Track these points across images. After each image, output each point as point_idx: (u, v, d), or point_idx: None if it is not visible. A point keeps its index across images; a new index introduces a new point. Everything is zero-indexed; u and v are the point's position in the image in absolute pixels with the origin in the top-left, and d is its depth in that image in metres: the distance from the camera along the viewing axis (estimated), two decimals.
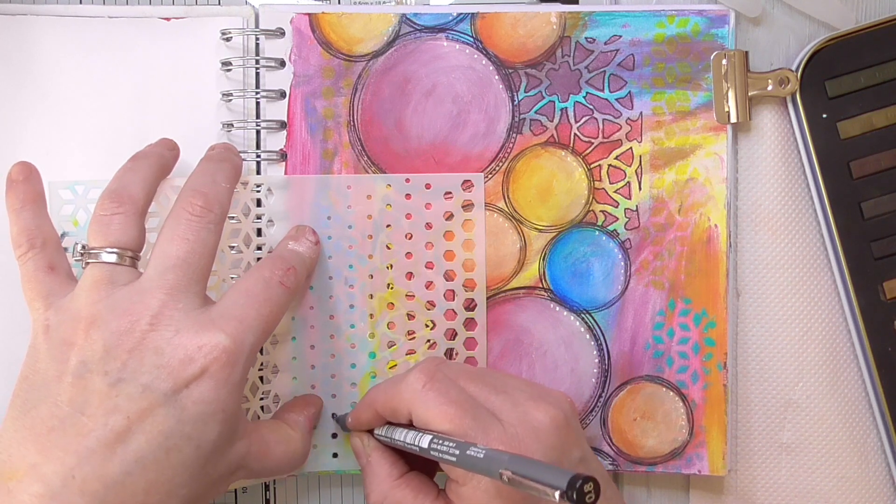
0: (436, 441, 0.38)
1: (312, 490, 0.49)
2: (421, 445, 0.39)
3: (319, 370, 0.47)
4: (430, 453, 0.38)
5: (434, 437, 0.38)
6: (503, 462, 0.34)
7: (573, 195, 0.47)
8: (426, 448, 0.39)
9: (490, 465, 0.35)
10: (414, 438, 0.40)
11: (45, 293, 0.40)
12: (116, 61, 0.46)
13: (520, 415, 0.39)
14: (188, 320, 0.38)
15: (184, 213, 0.39)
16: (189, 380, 0.37)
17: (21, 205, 0.42)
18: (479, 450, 0.36)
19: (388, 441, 0.42)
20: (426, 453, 0.39)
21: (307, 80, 0.47)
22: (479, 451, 0.36)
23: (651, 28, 0.47)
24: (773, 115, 0.47)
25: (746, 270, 0.48)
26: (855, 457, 0.47)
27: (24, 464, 0.36)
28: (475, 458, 0.36)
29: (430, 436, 0.39)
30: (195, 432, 0.37)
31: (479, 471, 0.36)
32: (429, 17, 0.47)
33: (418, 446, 0.39)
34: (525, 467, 0.33)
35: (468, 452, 0.36)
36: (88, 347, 0.37)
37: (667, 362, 0.47)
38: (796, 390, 0.48)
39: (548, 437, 0.39)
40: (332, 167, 0.47)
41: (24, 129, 0.46)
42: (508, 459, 0.34)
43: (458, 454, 0.37)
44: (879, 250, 0.46)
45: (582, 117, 0.47)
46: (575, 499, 0.31)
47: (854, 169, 0.46)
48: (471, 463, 0.36)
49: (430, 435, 0.39)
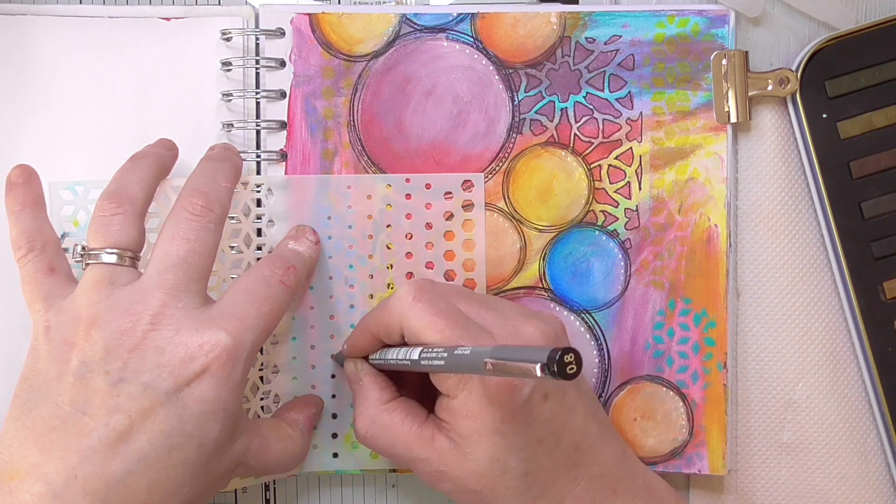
0: (425, 351, 0.38)
1: (312, 490, 0.49)
2: (412, 357, 0.39)
3: (319, 370, 0.47)
4: (420, 364, 0.38)
5: (424, 348, 0.38)
6: (486, 353, 0.34)
7: (573, 195, 0.47)
8: (417, 359, 0.39)
9: (475, 360, 0.34)
10: (405, 353, 0.40)
11: (46, 295, 0.40)
12: (116, 61, 0.46)
13: (510, 329, 0.40)
14: (189, 319, 0.38)
15: (184, 212, 0.39)
16: (190, 378, 0.37)
17: (21, 207, 0.42)
18: (465, 349, 0.36)
19: (381, 364, 0.43)
20: (417, 365, 0.39)
21: (307, 80, 0.47)
22: (465, 349, 0.36)
23: (651, 28, 0.47)
24: (773, 115, 0.47)
25: (746, 270, 0.48)
26: (855, 457, 0.47)
27: (26, 464, 0.36)
28: (462, 356, 0.35)
29: (421, 347, 0.39)
30: (197, 431, 0.37)
31: (466, 369, 0.36)
32: (429, 18, 0.47)
33: (409, 359, 0.39)
34: (507, 352, 0.33)
35: (455, 352, 0.36)
36: (89, 347, 0.37)
37: (667, 362, 0.47)
38: (796, 390, 0.48)
39: None
40: (332, 167, 0.47)
41: (24, 129, 0.46)
42: (492, 350, 0.34)
43: (446, 356, 0.37)
44: (879, 250, 0.46)
45: (582, 117, 0.47)
46: (556, 371, 0.30)
47: (854, 169, 0.46)
48: (458, 363, 0.36)
49: (421, 347, 0.39)
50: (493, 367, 0.33)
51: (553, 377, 0.30)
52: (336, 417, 0.47)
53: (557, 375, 0.30)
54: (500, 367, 0.33)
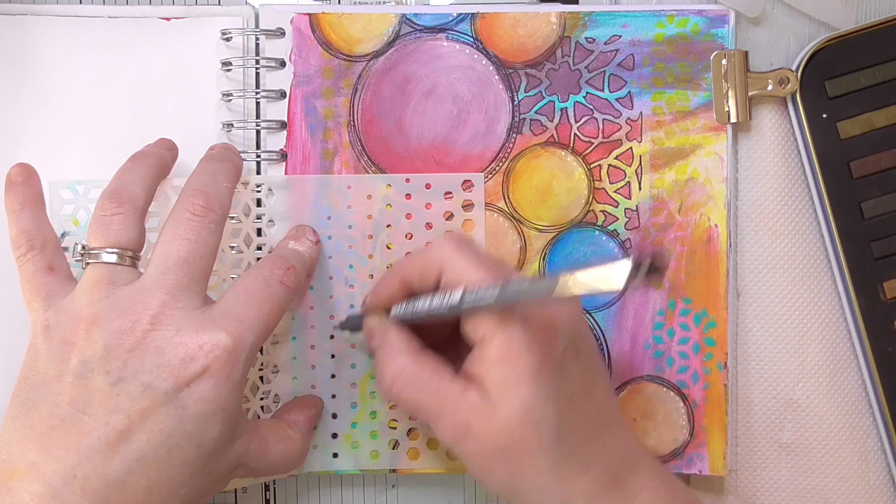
0: (469, 292, 0.37)
1: (312, 490, 0.49)
2: (452, 301, 0.38)
3: (319, 370, 0.47)
4: (463, 305, 0.38)
5: (468, 290, 0.38)
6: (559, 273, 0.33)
7: (573, 195, 0.47)
8: (457, 302, 0.38)
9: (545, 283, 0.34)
10: (443, 299, 0.39)
11: (45, 294, 0.40)
12: (116, 61, 0.46)
13: None
14: (189, 320, 0.38)
15: (185, 212, 0.39)
16: (190, 379, 0.37)
17: (20, 206, 0.42)
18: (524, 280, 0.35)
19: (407, 316, 0.41)
20: (456, 310, 0.38)
21: (307, 80, 0.47)
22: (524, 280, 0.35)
23: (651, 28, 0.47)
24: (773, 115, 0.47)
25: (746, 270, 0.48)
26: (855, 457, 0.47)
27: (25, 463, 0.36)
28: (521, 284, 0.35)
29: (462, 290, 0.38)
30: (196, 431, 0.37)
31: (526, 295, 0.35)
32: (429, 18, 0.47)
33: (448, 304, 0.38)
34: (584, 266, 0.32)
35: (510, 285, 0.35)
36: (89, 347, 0.37)
37: (667, 362, 0.47)
38: (796, 390, 0.48)
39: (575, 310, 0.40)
40: (332, 167, 0.47)
41: (25, 128, 0.46)
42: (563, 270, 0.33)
43: (498, 290, 0.36)
44: (879, 250, 0.46)
45: (582, 117, 0.47)
46: (650, 267, 0.30)
47: (854, 169, 0.46)
48: (515, 291, 0.35)
49: (462, 290, 0.38)
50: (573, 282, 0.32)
51: (645, 276, 0.30)
52: (336, 417, 0.47)
53: (651, 270, 0.30)
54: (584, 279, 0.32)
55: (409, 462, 0.47)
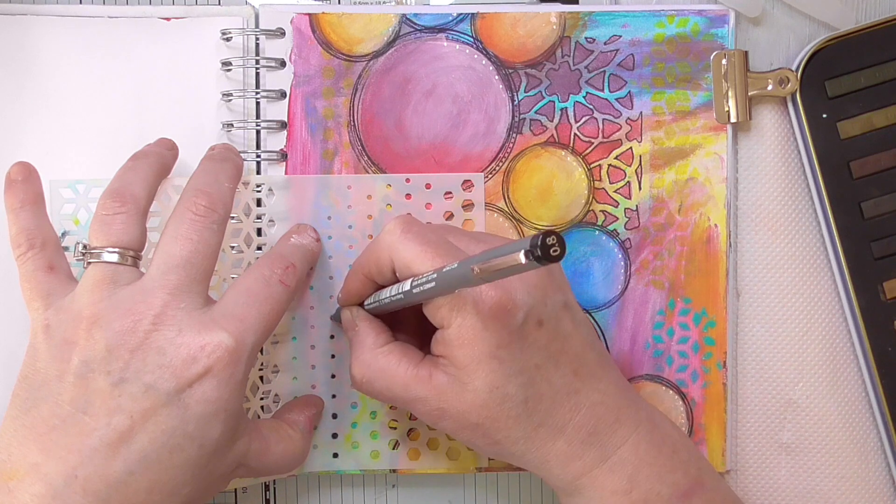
0: (416, 281, 0.38)
1: (312, 490, 0.49)
2: (404, 290, 0.39)
3: (320, 370, 0.47)
4: (413, 293, 0.38)
5: (415, 278, 0.38)
6: (473, 260, 0.33)
7: (573, 195, 0.47)
8: (409, 290, 0.38)
9: (464, 271, 0.34)
10: (398, 288, 0.40)
11: (45, 293, 0.40)
12: (116, 61, 0.46)
13: None
14: (191, 320, 0.38)
15: (187, 212, 0.39)
16: (192, 379, 0.37)
17: (20, 205, 0.42)
18: (453, 264, 0.35)
19: (377, 307, 0.42)
20: (410, 297, 0.39)
21: (307, 81, 0.47)
22: (453, 265, 0.35)
23: (651, 28, 0.47)
24: (773, 115, 0.47)
25: (746, 270, 0.48)
26: (855, 457, 0.47)
27: (25, 463, 0.36)
28: (450, 271, 0.35)
29: (412, 279, 0.39)
30: (198, 432, 0.37)
31: (456, 285, 0.36)
32: (429, 18, 0.47)
33: (402, 292, 0.39)
34: (491, 253, 0.32)
35: (444, 270, 0.36)
36: (90, 347, 0.37)
37: (666, 361, 0.47)
38: (796, 390, 0.48)
39: (530, 276, 0.39)
40: (332, 167, 0.47)
41: (25, 128, 0.46)
42: (478, 256, 0.34)
43: (435, 278, 0.36)
44: (879, 250, 0.46)
45: (582, 117, 0.47)
46: (540, 254, 0.30)
47: (854, 169, 0.46)
48: (448, 280, 0.36)
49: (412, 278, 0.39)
50: (480, 270, 0.33)
51: (538, 262, 0.30)
52: (336, 417, 0.47)
53: (542, 259, 0.30)
54: (487, 270, 0.32)
55: (409, 462, 0.47)
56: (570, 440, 0.39)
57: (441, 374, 0.39)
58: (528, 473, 0.49)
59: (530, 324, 0.38)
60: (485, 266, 0.33)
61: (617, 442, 0.40)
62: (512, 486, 0.49)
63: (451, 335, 0.38)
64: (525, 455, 0.40)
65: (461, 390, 0.39)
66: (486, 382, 0.38)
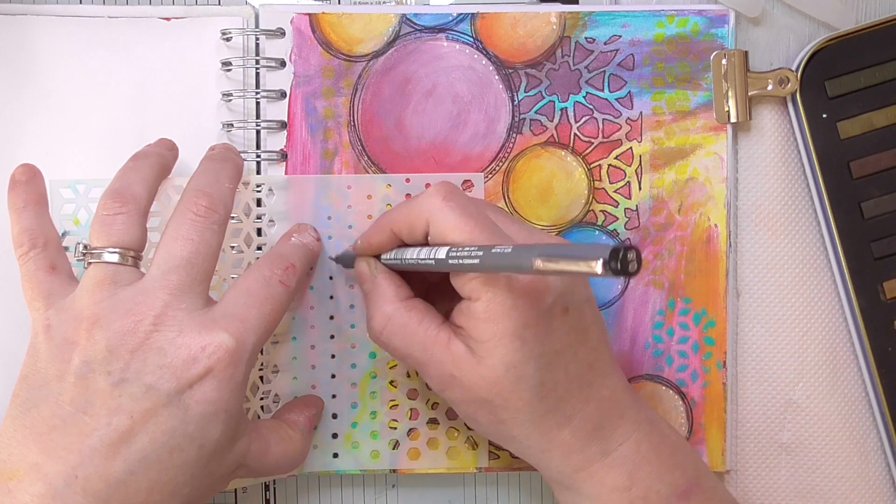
0: (455, 250, 0.37)
1: (312, 490, 0.49)
2: (437, 256, 0.38)
3: (320, 370, 0.47)
4: (447, 263, 0.37)
5: (452, 248, 0.38)
6: (535, 251, 0.33)
7: (573, 195, 0.47)
8: (443, 258, 0.38)
9: (519, 258, 0.33)
10: (430, 252, 0.39)
11: (46, 293, 0.40)
12: (116, 61, 0.46)
13: (536, 241, 0.39)
14: (191, 321, 0.38)
15: (188, 213, 0.39)
16: (193, 380, 0.37)
17: (23, 204, 0.42)
18: (506, 247, 0.35)
19: (396, 264, 0.42)
20: (442, 265, 0.38)
21: (307, 81, 0.47)
22: (506, 248, 0.35)
23: (651, 28, 0.47)
24: (773, 115, 0.47)
25: (746, 270, 0.48)
26: (855, 457, 0.47)
27: (25, 463, 0.36)
28: (501, 254, 0.34)
29: (448, 247, 0.38)
30: (198, 432, 0.37)
31: (505, 267, 0.35)
32: (429, 18, 0.47)
33: (434, 258, 0.38)
34: (561, 250, 0.32)
35: (493, 251, 0.35)
36: (91, 347, 0.37)
37: (666, 361, 0.47)
38: (796, 390, 0.48)
39: None
40: (332, 167, 0.47)
41: (25, 128, 0.46)
42: (542, 247, 0.33)
43: (481, 255, 0.36)
44: (879, 250, 0.46)
45: (582, 117, 0.47)
46: (619, 268, 0.30)
47: (854, 169, 0.46)
48: (495, 261, 0.35)
49: (448, 246, 0.38)
50: (543, 265, 0.32)
51: (615, 274, 0.30)
52: (336, 417, 0.47)
53: (620, 272, 0.30)
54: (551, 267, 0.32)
55: (409, 462, 0.47)
56: (576, 432, 0.39)
57: (460, 342, 0.39)
58: (527, 473, 0.49)
59: (557, 310, 0.38)
60: (550, 263, 0.32)
61: (619, 439, 0.40)
62: (512, 486, 0.49)
63: (478, 308, 0.38)
64: (527, 440, 0.40)
65: (477, 363, 0.38)
66: (505, 360, 0.38)
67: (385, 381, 0.47)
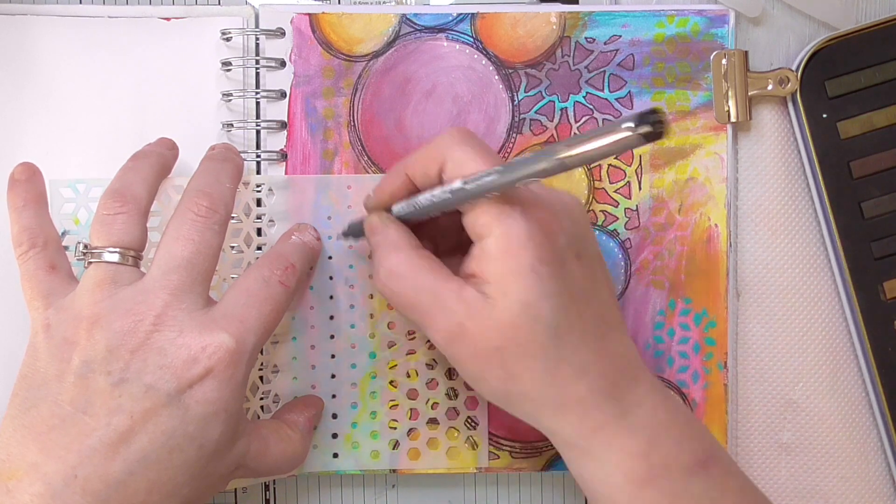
0: (470, 178, 0.37)
1: (312, 490, 0.49)
2: (453, 188, 0.37)
3: (320, 370, 0.47)
4: (464, 190, 0.37)
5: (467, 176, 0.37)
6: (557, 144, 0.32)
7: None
8: (459, 187, 0.37)
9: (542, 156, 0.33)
10: (444, 189, 0.38)
11: (46, 292, 0.40)
12: (116, 61, 0.46)
13: (550, 192, 0.39)
14: (191, 321, 0.38)
15: (189, 213, 0.39)
16: (193, 380, 0.37)
17: (23, 204, 0.42)
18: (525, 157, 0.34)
19: (409, 211, 0.41)
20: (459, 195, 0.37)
21: (307, 80, 0.47)
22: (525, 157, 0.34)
23: (651, 28, 0.47)
24: (773, 115, 0.47)
25: (746, 270, 0.48)
26: (855, 457, 0.47)
27: (25, 463, 0.36)
28: (522, 160, 0.34)
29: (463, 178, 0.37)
30: (198, 432, 0.37)
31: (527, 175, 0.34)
32: (429, 18, 0.47)
33: (450, 190, 0.37)
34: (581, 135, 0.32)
35: (513, 160, 0.35)
36: (91, 347, 0.37)
37: (667, 362, 0.47)
38: (796, 390, 0.48)
39: (579, 214, 0.39)
40: (332, 167, 0.47)
41: (25, 128, 0.46)
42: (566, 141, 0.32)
43: (500, 170, 0.35)
44: (879, 250, 0.46)
45: (582, 117, 0.47)
46: (650, 130, 0.30)
47: (854, 169, 0.46)
48: (516, 170, 0.34)
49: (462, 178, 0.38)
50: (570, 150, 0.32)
51: (646, 139, 0.30)
52: (336, 417, 0.47)
53: (651, 135, 0.30)
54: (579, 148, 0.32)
55: (409, 462, 0.47)
56: (592, 387, 0.38)
57: (472, 289, 0.37)
58: (528, 473, 0.49)
59: (570, 253, 0.38)
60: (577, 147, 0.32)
61: (635, 400, 0.38)
62: (512, 486, 0.49)
63: (490, 244, 0.37)
64: (541, 396, 0.38)
65: (491, 307, 0.37)
66: (520, 298, 0.36)
67: (385, 381, 0.47)
